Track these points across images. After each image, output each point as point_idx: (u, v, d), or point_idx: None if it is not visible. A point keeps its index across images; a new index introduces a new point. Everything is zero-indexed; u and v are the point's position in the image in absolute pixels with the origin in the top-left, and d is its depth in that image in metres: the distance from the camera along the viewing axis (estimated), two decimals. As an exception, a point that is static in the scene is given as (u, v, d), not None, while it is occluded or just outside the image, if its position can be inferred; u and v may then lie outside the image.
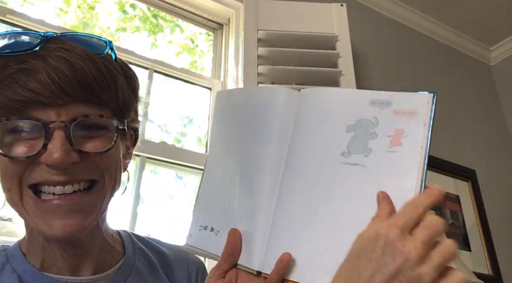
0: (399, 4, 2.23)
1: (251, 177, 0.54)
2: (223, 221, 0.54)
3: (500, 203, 2.08)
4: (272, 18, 1.59)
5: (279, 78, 1.55)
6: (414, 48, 2.24)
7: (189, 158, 1.41)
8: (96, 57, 0.52)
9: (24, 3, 1.66)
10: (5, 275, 0.53)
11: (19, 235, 1.05)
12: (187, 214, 1.44)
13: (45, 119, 0.48)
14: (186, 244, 0.57)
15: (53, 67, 0.48)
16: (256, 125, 0.55)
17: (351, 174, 0.49)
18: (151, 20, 2.00)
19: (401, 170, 0.46)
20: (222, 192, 0.56)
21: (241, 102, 0.58)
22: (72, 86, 0.49)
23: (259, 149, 0.54)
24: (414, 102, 0.49)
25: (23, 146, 0.49)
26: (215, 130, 0.61)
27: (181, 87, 1.62)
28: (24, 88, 0.47)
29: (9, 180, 0.50)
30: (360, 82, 1.68)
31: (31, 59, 0.48)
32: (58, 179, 0.49)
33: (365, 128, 0.50)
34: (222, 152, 0.59)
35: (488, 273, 1.81)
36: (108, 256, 0.60)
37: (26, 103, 0.48)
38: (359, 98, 0.52)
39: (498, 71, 2.56)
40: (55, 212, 0.50)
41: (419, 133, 0.47)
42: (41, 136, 0.48)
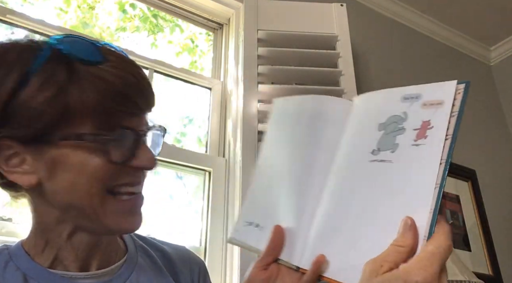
0: (399, 4, 2.24)
1: (299, 179, 0.57)
2: (268, 218, 0.58)
3: (500, 203, 2.08)
4: (272, 18, 1.59)
5: (279, 78, 1.55)
6: (414, 48, 2.24)
7: (189, 158, 1.41)
8: None
9: (24, 3, 1.66)
10: (8, 272, 0.53)
11: (19, 235, 1.05)
12: (187, 214, 1.44)
13: (133, 127, 0.53)
14: (232, 237, 0.61)
15: (139, 81, 0.53)
16: (309, 131, 0.59)
17: (379, 170, 0.50)
18: (151, 20, 2.00)
19: (425, 163, 0.46)
20: (270, 191, 0.60)
21: (297, 109, 0.63)
22: (152, 99, 0.56)
23: (310, 153, 0.58)
24: (442, 92, 0.48)
25: (117, 151, 0.51)
26: (269, 133, 0.65)
27: (181, 87, 1.62)
28: (126, 98, 0.51)
29: (96, 185, 0.51)
30: (360, 82, 1.68)
31: (115, 71, 0.51)
32: (139, 180, 0.56)
33: (395, 125, 0.50)
34: (273, 154, 0.63)
35: (488, 273, 1.81)
36: (113, 252, 0.61)
37: (124, 112, 0.52)
38: (392, 96, 0.53)
39: (498, 71, 2.56)
40: (132, 210, 0.55)
41: (444, 124, 0.46)
42: (129, 145, 0.52)
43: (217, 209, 1.37)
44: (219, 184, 1.42)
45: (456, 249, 1.64)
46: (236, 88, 1.50)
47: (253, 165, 1.31)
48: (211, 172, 1.43)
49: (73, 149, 0.49)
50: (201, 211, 1.39)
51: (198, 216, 1.39)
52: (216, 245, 1.31)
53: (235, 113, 1.46)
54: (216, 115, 1.57)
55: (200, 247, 1.32)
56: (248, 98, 1.41)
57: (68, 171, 0.50)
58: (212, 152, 1.50)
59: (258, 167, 0.64)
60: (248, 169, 1.31)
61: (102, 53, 0.52)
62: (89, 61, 0.51)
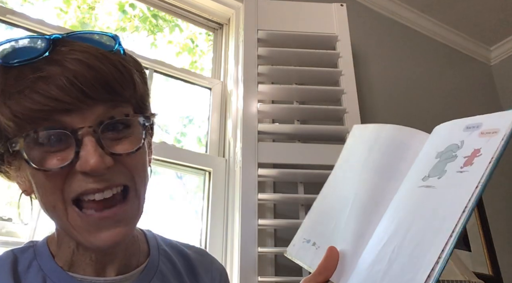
0: (399, 4, 2.24)
1: (364, 205, 0.57)
2: (325, 238, 0.59)
3: (500, 203, 2.08)
4: (272, 18, 1.59)
5: (279, 78, 1.55)
6: (414, 48, 2.24)
7: (189, 158, 1.41)
8: (110, 54, 0.50)
9: (24, 3, 1.66)
10: (31, 272, 0.53)
11: (19, 235, 1.05)
12: (187, 214, 1.44)
13: (72, 126, 0.47)
14: (288, 251, 0.62)
15: (71, 71, 0.46)
16: (384, 159, 0.59)
17: (423, 196, 0.50)
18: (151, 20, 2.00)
19: (464, 189, 0.45)
20: (333, 212, 0.61)
21: (375, 136, 0.62)
22: (94, 88, 0.47)
23: (381, 181, 0.57)
24: (500, 121, 0.47)
25: (55, 158, 0.47)
26: (342, 157, 0.66)
27: (181, 87, 1.62)
28: (45, 97, 0.45)
29: (51, 196, 0.48)
30: (360, 82, 1.68)
31: (46, 66, 0.47)
32: (97, 187, 0.48)
33: (450, 153, 0.50)
34: (344, 177, 0.63)
35: (488, 273, 1.81)
36: (134, 257, 0.60)
37: (50, 112, 0.46)
38: (457, 126, 0.52)
39: (498, 71, 2.56)
40: (101, 225, 0.49)
41: (492, 151, 0.45)
42: (71, 145, 0.47)
43: (217, 209, 1.37)
44: (219, 184, 1.42)
45: (456, 249, 1.64)
46: (236, 88, 1.50)
47: (253, 165, 1.31)
48: (211, 172, 1.43)
49: (19, 159, 0.49)
50: (201, 211, 1.39)
51: (198, 216, 1.39)
52: (216, 245, 1.31)
53: (235, 113, 1.46)
54: (216, 115, 1.57)
55: (200, 247, 1.32)
56: (248, 98, 1.41)
57: (33, 183, 0.50)
58: (212, 152, 1.50)
59: (325, 186, 0.65)
60: (248, 169, 1.31)
61: (45, 46, 0.48)
62: (17, 62, 0.48)
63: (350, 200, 0.59)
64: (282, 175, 1.38)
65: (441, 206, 0.47)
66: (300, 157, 1.36)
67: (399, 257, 0.48)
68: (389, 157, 0.58)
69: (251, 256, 1.19)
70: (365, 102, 1.81)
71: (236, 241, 1.24)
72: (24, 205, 0.58)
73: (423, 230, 0.47)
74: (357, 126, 0.68)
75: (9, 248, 0.58)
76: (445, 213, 0.46)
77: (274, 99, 1.55)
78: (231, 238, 1.30)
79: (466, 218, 0.44)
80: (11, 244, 1.05)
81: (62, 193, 0.48)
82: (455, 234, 0.43)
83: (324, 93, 1.52)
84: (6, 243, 1.04)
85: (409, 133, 0.59)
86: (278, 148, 1.40)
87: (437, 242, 0.44)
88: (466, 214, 0.44)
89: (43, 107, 0.45)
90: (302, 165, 1.38)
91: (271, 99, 1.55)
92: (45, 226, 1.08)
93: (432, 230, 0.46)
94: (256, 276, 1.18)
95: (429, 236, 0.46)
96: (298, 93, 1.54)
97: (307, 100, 1.57)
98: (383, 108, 1.92)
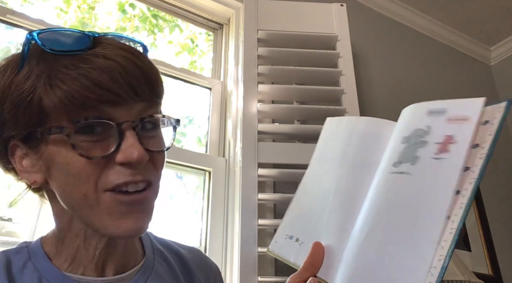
0: (399, 4, 2.23)
1: (344, 198, 0.57)
2: (308, 233, 0.59)
3: (500, 203, 2.08)
4: (272, 18, 1.59)
5: (279, 78, 1.55)
6: (414, 48, 2.24)
7: (189, 158, 1.41)
8: (147, 58, 0.54)
9: (24, 3, 1.65)
10: (26, 274, 0.53)
11: (19, 235, 1.05)
12: (187, 214, 1.44)
13: (117, 119, 0.48)
14: (271, 249, 0.62)
15: (122, 66, 0.48)
16: (360, 152, 0.59)
17: (398, 182, 0.50)
18: (151, 20, 2.00)
19: (444, 176, 0.46)
20: (313, 207, 0.61)
21: (349, 129, 0.63)
22: (141, 86, 0.50)
23: (358, 174, 0.58)
24: (468, 109, 0.48)
25: (97, 147, 0.48)
26: (317, 151, 0.66)
27: (181, 87, 1.62)
28: (99, 87, 0.47)
29: (84, 185, 0.48)
30: (360, 82, 1.68)
31: (96, 58, 0.48)
32: (134, 179, 0.49)
33: (417, 138, 0.51)
34: (321, 172, 0.63)
35: (488, 273, 1.81)
36: (131, 257, 0.60)
37: (100, 102, 0.47)
38: (419, 110, 0.54)
39: (498, 71, 2.56)
40: (130, 210, 0.50)
41: (468, 139, 0.47)
42: (112, 136, 0.48)
43: (217, 209, 1.37)
44: (219, 184, 1.42)
45: (456, 249, 1.64)
46: (236, 88, 1.50)
47: (253, 165, 1.31)
48: (211, 172, 1.43)
49: (57, 146, 0.49)
50: (201, 211, 1.39)
51: (198, 216, 1.39)
52: (216, 245, 1.31)
53: (235, 113, 1.46)
54: (216, 115, 1.57)
55: (200, 247, 1.32)
56: (248, 98, 1.41)
57: (59, 171, 0.49)
58: (212, 152, 1.50)
59: (303, 182, 0.65)
60: (248, 169, 1.31)
61: (88, 42, 0.50)
62: (65, 51, 0.49)
63: (330, 194, 0.59)
64: (282, 175, 1.38)
65: (424, 193, 0.47)
66: (300, 157, 1.36)
67: (389, 246, 0.48)
68: (365, 150, 0.59)
69: (251, 256, 1.19)
70: (365, 102, 1.81)
71: (236, 241, 1.24)
72: (23, 205, 0.57)
73: (410, 218, 0.47)
74: (331, 119, 0.68)
75: (8, 247, 0.58)
76: (431, 200, 0.46)
77: (274, 99, 1.55)
78: (231, 238, 1.30)
79: (464, 208, 0.44)
80: (11, 244, 1.05)
81: (96, 182, 0.48)
82: (453, 222, 0.44)
83: (324, 93, 1.52)
84: (6, 243, 1.04)
85: (382, 124, 0.60)
86: (278, 148, 1.40)
87: (433, 228, 0.44)
88: (465, 203, 0.44)
89: (97, 96, 0.47)
90: (302, 165, 1.37)
91: (271, 99, 1.55)
92: (45, 225, 1.08)
93: (423, 218, 0.46)
94: (256, 276, 1.18)
95: (422, 223, 0.46)
96: (298, 93, 1.54)
97: (307, 100, 1.57)
98: (383, 108, 1.92)
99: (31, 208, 1.08)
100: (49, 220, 0.57)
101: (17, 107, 0.48)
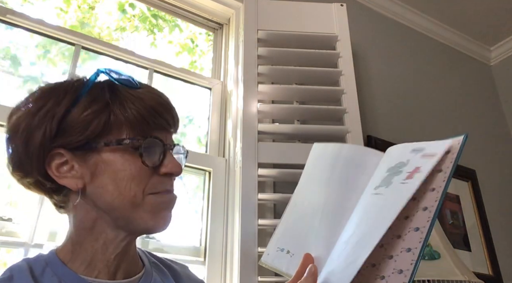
0: (399, 4, 2.24)
1: (331, 215, 0.65)
2: (299, 246, 0.66)
3: (500, 203, 2.08)
4: (272, 18, 1.59)
5: (279, 78, 1.55)
6: (414, 48, 2.24)
7: (189, 158, 1.40)
8: None
9: (24, 3, 1.65)
10: (46, 277, 0.58)
11: (19, 235, 1.05)
12: (187, 214, 1.44)
13: (163, 141, 0.62)
14: (263, 260, 0.70)
15: (168, 104, 0.65)
16: (343, 176, 0.68)
17: (373, 200, 0.60)
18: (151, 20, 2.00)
19: (401, 195, 0.56)
20: (302, 222, 0.68)
21: (334, 155, 0.72)
22: (175, 121, 0.66)
23: (343, 194, 0.66)
24: (437, 148, 0.58)
25: (150, 158, 0.60)
26: (306, 170, 0.75)
27: (181, 87, 1.62)
28: (158, 114, 0.62)
29: (136, 187, 0.59)
30: (360, 82, 1.68)
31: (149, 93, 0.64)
32: (170, 188, 0.63)
33: (397, 168, 0.61)
34: (309, 189, 0.72)
35: (488, 273, 1.81)
36: (136, 264, 0.68)
37: (156, 125, 0.62)
38: (406, 148, 0.64)
39: (498, 71, 2.56)
40: (166, 206, 0.62)
41: (428, 169, 0.57)
42: (158, 153, 0.61)
43: (217, 209, 1.37)
44: (219, 184, 1.42)
45: (456, 249, 1.64)
46: (236, 88, 1.50)
47: (253, 165, 1.31)
48: (211, 172, 1.43)
49: (113, 153, 0.59)
50: (201, 211, 1.39)
51: (198, 216, 1.39)
52: (216, 245, 1.31)
53: (235, 113, 1.46)
54: (216, 115, 1.57)
55: (200, 247, 1.32)
56: (248, 98, 1.41)
57: (110, 174, 0.59)
58: (212, 152, 1.50)
59: (294, 197, 0.72)
60: (248, 169, 1.31)
61: (138, 82, 0.65)
62: (128, 85, 0.63)
63: (319, 211, 0.67)
64: (282, 175, 1.37)
65: (384, 207, 0.57)
66: (300, 157, 1.36)
67: (348, 246, 0.58)
68: (349, 174, 0.68)
69: (251, 256, 1.19)
70: (365, 102, 1.81)
71: (236, 241, 1.25)
72: (23, 205, 0.60)
73: (368, 226, 0.57)
74: (317, 145, 0.78)
75: (9, 247, 0.60)
76: (385, 213, 0.56)
77: (274, 99, 1.55)
78: (231, 238, 1.30)
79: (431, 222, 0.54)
80: (11, 244, 1.05)
81: (145, 185, 0.60)
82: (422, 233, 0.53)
83: (324, 93, 1.52)
84: (6, 243, 1.04)
85: (365, 152, 0.70)
86: (278, 148, 1.40)
87: (376, 233, 0.54)
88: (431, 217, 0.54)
89: (157, 120, 0.62)
90: (302, 165, 1.36)
91: (271, 99, 1.55)
92: (45, 225, 1.08)
93: (375, 226, 0.56)
94: (256, 276, 1.18)
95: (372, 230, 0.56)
96: (298, 93, 1.54)
97: (307, 100, 1.57)
98: (383, 108, 1.92)
99: (31, 208, 1.08)
100: (51, 222, 0.59)
101: (83, 121, 0.58)
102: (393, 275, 0.53)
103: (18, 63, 1.43)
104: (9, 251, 1.11)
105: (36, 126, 0.58)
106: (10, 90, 1.34)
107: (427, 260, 1.24)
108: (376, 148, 0.72)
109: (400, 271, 0.52)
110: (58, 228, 1.10)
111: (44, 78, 1.47)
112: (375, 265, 0.56)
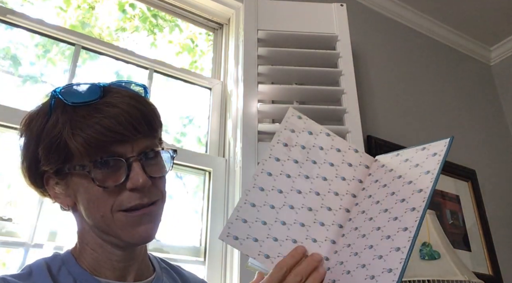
0: (399, 4, 2.24)
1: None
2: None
3: (500, 203, 2.08)
4: (272, 18, 1.59)
5: (279, 78, 1.55)
6: (414, 48, 2.24)
7: (189, 158, 1.41)
8: (146, 100, 0.66)
9: (24, 3, 1.65)
10: (62, 275, 0.62)
11: (19, 235, 1.05)
12: (187, 214, 1.44)
13: (125, 155, 0.60)
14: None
15: (126, 112, 0.61)
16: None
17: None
18: (151, 20, 2.00)
19: None
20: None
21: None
22: (142, 125, 0.62)
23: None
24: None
25: (110, 178, 0.60)
26: None
27: (181, 87, 1.62)
28: (111, 131, 0.59)
29: (102, 208, 0.60)
30: (360, 82, 1.68)
31: (105, 107, 0.60)
32: (141, 202, 0.61)
33: None
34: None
35: (488, 273, 1.81)
36: (147, 268, 0.70)
37: (111, 143, 0.59)
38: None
39: (498, 71, 2.56)
40: (140, 221, 0.61)
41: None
42: (122, 168, 0.60)
43: (217, 209, 1.37)
44: (219, 184, 1.42)
45: (456, 249, 1.64)
46: (236, 88, 1.50)
47: (253, 165, 1.31)
48: (211, 172, 1.43)
49: (79, 178, 0.61)
50: (201, 211, 1.39)
51: (198, 216, 1.39)
52: (216, 245, 1.31)
53: (235, 113, 1.46)
54: (216, 115, 1.57)
55: (200, 247, 1.32)
56: (248, 98, 1.41)
57: (83, 197, 0.61)
58: (212, 152, 1.50)
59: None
60: (248, 169, 1.31)
61: (99, 92, 0.62)
62: (84, 101, 0.61)
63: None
64: (282, 175, 1.37)
65: None
66: (300, 157, 1.36)
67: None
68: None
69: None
70: (365, 102, 1.81)
71: (236, 241, 1.24)
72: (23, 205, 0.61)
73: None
74: None
75: (9, 247, 0.61)
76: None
77: (274, 99, 1.55)
78: (231, 238, 1.30)
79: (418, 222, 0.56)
80: (11, 244, 1.05)
81: (112, 205, 0.60)
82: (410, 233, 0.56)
83: (324, 93, 1.52)
84: (6, 243, 1.04)
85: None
86: (278, 148, 1.39)
87: None
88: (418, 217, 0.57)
89: (108, 139, 0.59)
90: (302, 165, 1.38)
91: (271, 99, 1.55)
92: (45, 226, 1.08)
93: None
94: (256, 276, 1.18)
95: None
96: (298, 93, 1.54)
97: (307, 100, 1.57)
98: (383, 108, 1.92)
99: (31, 208, 1.08)
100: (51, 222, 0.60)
101: (49, 149, 0.60)
102: (383, 275, 0.54)
103: (18, 63, 1.43)
104: (9, 251, 1.11)
105: (26, 156, 0.64)
106: (10, 90, 1.34)
107: (427, 260, 1.24)
108: (376, 148, 0.73)
109: (390, 270, 0.53)
110: (58, 228, 1.10)
111: (44, 78, 1.47)
112: (365, 266, 0.57)
